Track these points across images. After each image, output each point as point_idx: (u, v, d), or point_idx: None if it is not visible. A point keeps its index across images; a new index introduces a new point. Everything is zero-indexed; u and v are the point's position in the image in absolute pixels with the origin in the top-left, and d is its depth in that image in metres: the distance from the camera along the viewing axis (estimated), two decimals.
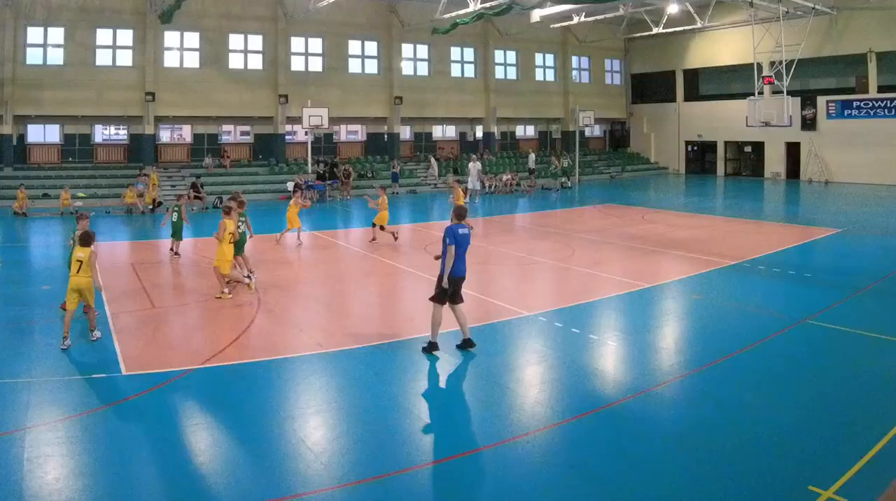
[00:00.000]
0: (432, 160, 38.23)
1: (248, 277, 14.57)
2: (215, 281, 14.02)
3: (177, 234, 18.42)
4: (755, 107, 31.27)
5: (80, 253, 10.49)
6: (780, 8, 31.17)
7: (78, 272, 10.39)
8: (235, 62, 35.65)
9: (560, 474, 6.73)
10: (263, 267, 15.78)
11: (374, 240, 20.36)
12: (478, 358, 10.07)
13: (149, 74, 33.33)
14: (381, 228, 20.33)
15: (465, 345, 10.40)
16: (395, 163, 37.07)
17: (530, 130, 46.74)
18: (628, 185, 39.25)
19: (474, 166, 33.19)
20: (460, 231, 10.32)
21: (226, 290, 13.65)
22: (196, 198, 29.76)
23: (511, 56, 43.46)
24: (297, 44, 36.92)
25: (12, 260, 17.04)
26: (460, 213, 10.68)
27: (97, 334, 10.72)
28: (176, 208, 18.42)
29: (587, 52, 46.21)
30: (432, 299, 10.31)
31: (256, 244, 17.50)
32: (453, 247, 10.13)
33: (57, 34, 32.44)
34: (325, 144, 38.65)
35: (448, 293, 10.23)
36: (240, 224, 14.83)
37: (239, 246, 14.54)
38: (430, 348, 10.31)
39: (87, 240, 10.69)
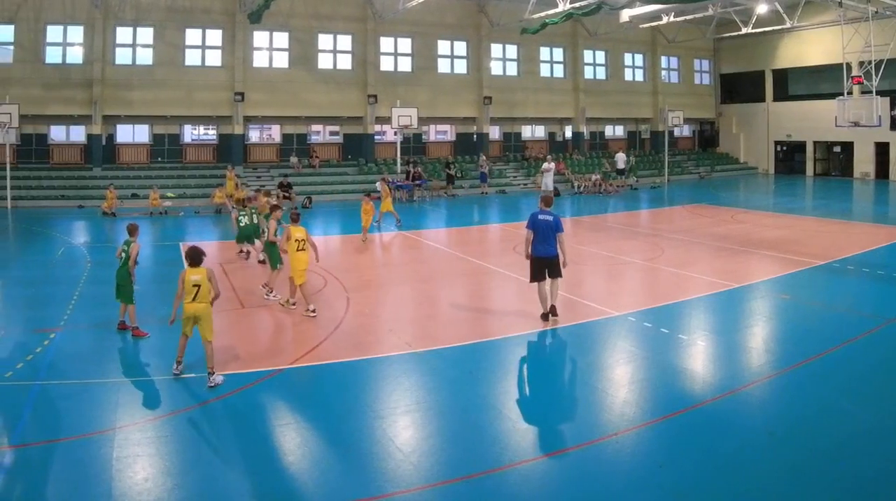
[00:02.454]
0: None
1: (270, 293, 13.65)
2: (306, 281, 13.88)
3: (248, 239, 17.38)
4: (844, 107, 30.04)
5: (196, 275, 9.03)
6: (870, 8, 30.03)
7: (195, 299, 9.00)
8: (324, 62, 35.41)
9: (649, 473, 6.64)
10: (353, 268, 15.74)
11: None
12: (567, 358, 10.21)
13: (238, 74, 33.18)
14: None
15: (551, 313, 11.66)
16: (483, 162, 36.25)
17: (619, 130, 45.89)
18: (717, 185, 38.51)
19: (548, 167, 32.12)
20: (540, 217, 11.59)
21: (292, 299, 12.88)
22: (285, 198, 29.24)
23: (600, 56, 42.64)
24: (386, 44, 36.57)
25: (101, 261, 16.83)
26: (547, 200, 11.97)
27: (217, 379, 8.94)
28: (244, 212, 17.36)
29: (676, 52, 45.24)
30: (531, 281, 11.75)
31: (344, 244, 16.87)
32: (529, 232, 11.61)
33: (146, 34, 32.57)
34: (413, 144, 38.10)
35: (536, 272, 11.55)
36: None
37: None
38: (543, 317, 11.65)
39: (197, 258, 9.22)
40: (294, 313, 12.61)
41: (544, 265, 11.56)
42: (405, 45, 36.99)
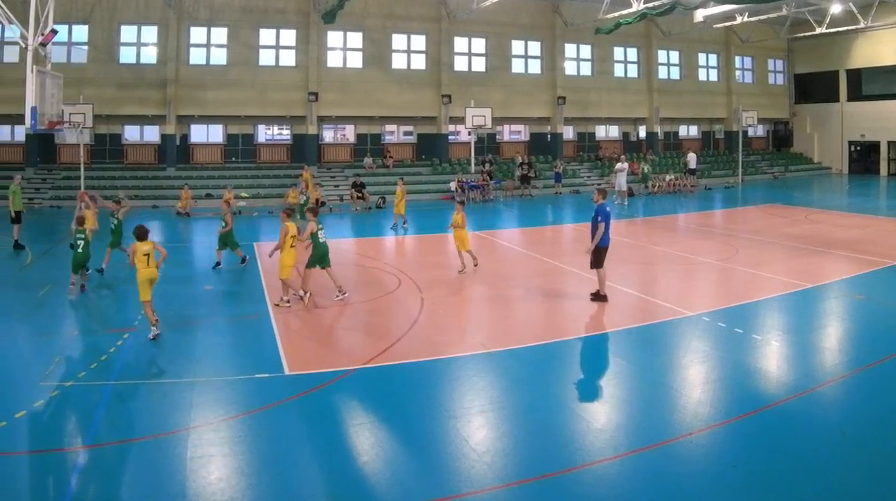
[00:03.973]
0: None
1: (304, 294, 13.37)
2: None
3: (302, 214, 18.58)
4: None
5: (146, 246, 10.91)
6: None
7: (148, 265, 10.83)
8: (398, 62, 35.09)
9: (723, 473, 6.58)
10: (426, 268, 15.44)
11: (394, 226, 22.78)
12: (641, 358, 10.06)
13: (312, 74, 32.93)
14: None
15: (595, 298, 12.71)
16: (558, 163, 35.74)
17: (693, 130, 45.08)
18: (791, 185, 38.00)
19: (622, 167, 31.40)
20: (608, 209, 12.61)
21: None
22: (358, 198, 28.85)
23: (674, 56, 41.84)
24: (460, 44, 36.16)
25: (175, 261, 16.75)
26: (604, 193, 13.00)
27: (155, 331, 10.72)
28: (304, 192, 19.13)
29: (750, 52, 44.30)
30: (592, 266, 12.83)
31: (418, 243, 16.50)
32: (603, 225, 12.43)
33: (220, 34, 32.50)
34: (487, 144, 37.57)
35: (603, 259, 12.61)
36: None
37: (322, 257, 13.45)
38: (598, 297, 12.72)
39: (144, 234, 11.01)
40: (368, 313, 12.75)
41: (605, 253, 12.76)
42: (479, 44, 36.52)
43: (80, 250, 13.33)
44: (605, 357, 10.43)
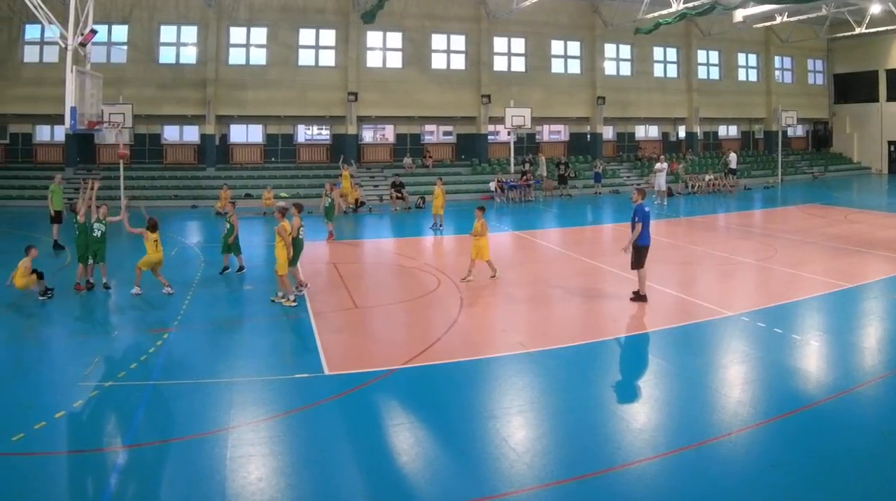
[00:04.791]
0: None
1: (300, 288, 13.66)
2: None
3: (330, 216, 20.44)
4: None
5: (154, 235, 13.48)
6: None
7: (156, 250, 13.58)
8: (438, 62, 34.93)
9: (763, 473, 6.53)
10: (465, 268, 15.06)
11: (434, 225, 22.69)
12: (681, 358, 10.03)
13: (351, 74, 32.79)
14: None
15: (636, 298, 12.68)
16: (597, 163, 35.39)
17: (733, 130, 44.70)
18: (831, 185, 37.59)
19: (661, 167, 31.05)
20: (646, 209, 12.72)
21: (290, 296, 12.89)
22: (398, 198, 28.63)
23: (714, 56, 41.46)
24: (499, 44, 35.93)
25: (215, 261, 16.69)
26: (644, 191, 13.10)
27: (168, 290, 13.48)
28: (328, 195, 20.71)
29: (790, 52, 43.87)
30: (632, 267, 12.78)
31: (458, 244, 16.51)
32: (640, 225, 12.48)
33: (259, 34, 32.45)
34: (527, 144, 37.23)
35: (643, 259, 12.59)
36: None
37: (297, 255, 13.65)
38: (638, 298, 12.71)
39: (155, 226, 13.58)
40: (408, 313, 12.80)
41: (646, 253, 12.70)
42: (518, 44, 36.28)
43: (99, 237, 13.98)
44: (645, 357, 10.41)
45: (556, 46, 37.15)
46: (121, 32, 30.78)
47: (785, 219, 25.72)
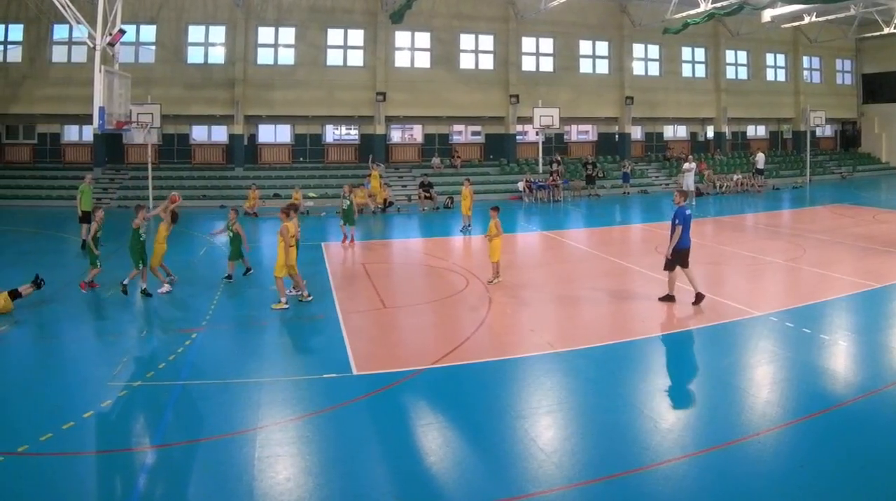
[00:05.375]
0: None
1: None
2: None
3: (349, 219, 19.74)
4: None
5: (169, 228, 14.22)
6: None
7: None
8: (466, 62, 34.84)
9: (791, 473, 6.53)
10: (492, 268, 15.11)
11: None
12: (708, 358, 10.08)
13: (379, 74, 32.74)
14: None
15: (697, 300, 12.38)
16: (625, 163, 35.25)
17: (761, 130, 44.40)
18: (859, 185, 37.28)
19: (689, 167, 30.80)
20: (687, 212, 12.57)
21: (282, 299, 12.71)
22: (426, 198, 28.52)
23: (742, 56, 41.13)
24: (527, 44, 35.83)
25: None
26: (686, 193, 12.98)
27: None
28: (346, 197, 19.95)
29: (818, 52, 43.47)
30: (665, 268, 12.73)
31: (485, 244, 16.18)
32: (680, 227, 12.37)
33: (288, 34, 32.46)
34: (555, 144, 37.13)
35: (675, 262, 12.50)
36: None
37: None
38: (667, 298, 12.68)
39: (176, 218, 14.57)
40: (436, 312, 12.78)
41: (686, 255, 12.57)
42: (547, 44, 36.14)
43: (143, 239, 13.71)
44: (673, 357, 10.37)
45: (585, 46, 37.00)
46: (149, 32, 30.90)
47: (813, 219, 25.57)
